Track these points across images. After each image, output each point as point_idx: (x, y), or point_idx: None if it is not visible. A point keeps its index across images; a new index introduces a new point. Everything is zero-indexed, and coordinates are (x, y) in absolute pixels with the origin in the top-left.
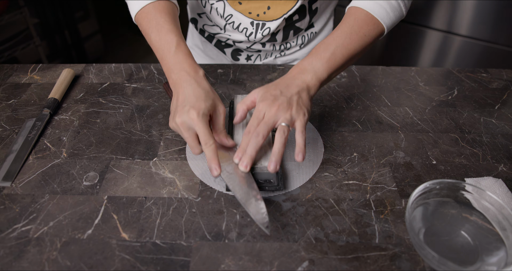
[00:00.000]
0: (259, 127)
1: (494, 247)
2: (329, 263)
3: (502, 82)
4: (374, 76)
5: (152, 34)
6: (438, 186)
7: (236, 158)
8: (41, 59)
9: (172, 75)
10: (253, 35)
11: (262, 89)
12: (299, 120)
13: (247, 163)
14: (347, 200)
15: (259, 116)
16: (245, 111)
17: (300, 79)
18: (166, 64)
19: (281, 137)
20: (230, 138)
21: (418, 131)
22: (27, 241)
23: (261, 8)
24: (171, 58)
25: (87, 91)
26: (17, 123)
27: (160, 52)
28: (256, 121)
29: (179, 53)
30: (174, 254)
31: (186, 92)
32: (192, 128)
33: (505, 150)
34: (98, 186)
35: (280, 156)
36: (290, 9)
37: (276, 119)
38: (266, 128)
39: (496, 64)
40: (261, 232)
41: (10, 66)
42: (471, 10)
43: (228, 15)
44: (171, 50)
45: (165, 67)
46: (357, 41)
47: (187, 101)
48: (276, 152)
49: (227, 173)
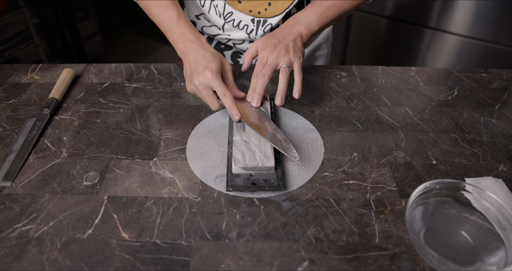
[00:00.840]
0: (264, 69)
1: (494, 247)
2: (329, 263)
3: (502, 82)
4: (374, 76)
5: (153, 9)
6: (438, 186)
7: (248, 97)
8: (41, 59)
9: (179, 45)
10: (254, 32)
11: (262, 39)
12: (296, 62)
13: (257, 99)
14: (347, 200)
15: (263, 61)
16: (251, 60)
17: (295, 29)
18: (171, 36)
19: (284, 76)
20: (240, 90)
21: (418, 131)
22: (27, 241)
23: (261, 5)
24: (174, 30)
25: (87, 91)
26: (17, 123)
27: (163, 25)
28: (261, 66)
29: (181, 25)
30: (174, 254)
31: (196, 58)
32: (209, 86)
33: (505, 150)
34: (98, 185)
35: (285, 92)
36: (292, 3)
37: (277, 62)
38: (270, 70)
39: (496, 64)
40: (261, 231)
41: (10, 66)
42: (471, 10)
43: (228, 13)
44: (173, 22)
45: (171, 38)
46: (348, 2)
47: (199, 65)
48: (281, 88)
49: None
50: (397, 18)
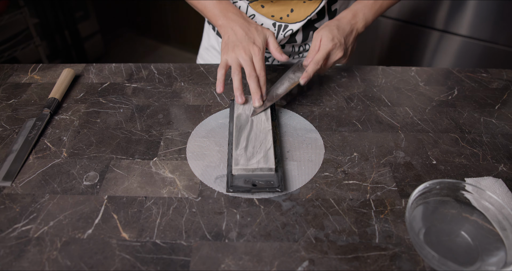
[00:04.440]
0: (318, 58)
1: (494, 247)
2: (329, 263)
3: (502, 82)
4: (374, 76)
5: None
6: (438, 185)
7: (302, 79)
8: (41, 59)
9: (220, 20)
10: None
11: (329, 31)
12: (342, 62)
13: (306, 79)
14: (347, 200)
15: (324, 52)
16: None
17: (355, 27)
18: (211, 11)
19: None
20: (284, 53)
21: (418, 131)
22: (27, 241)
23: (284, 11)
24: (215, 6)
25: (87, 91)
26: (17, 123)
27: (202, 2)
28: (318, 54)
29: (222, 1)
30: (174, 254)
31: (243, 28)
32: (248, 61)
33: (505, 150)
34: (98, 185)
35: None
36: (314, 10)
37: (335, 62)
38: (325, 65)
39: (496, 64)
40: (261, 231)
41: (10, 66)
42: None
43: (251, 15)
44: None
45: (210, 14)
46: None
47: (248, 37)
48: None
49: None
50: (397, 18)
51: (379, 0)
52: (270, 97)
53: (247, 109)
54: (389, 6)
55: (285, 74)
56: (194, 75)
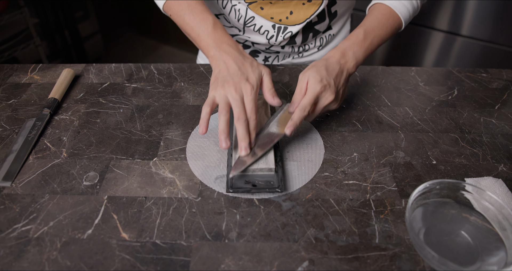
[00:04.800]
0: (305, 103)
1: (494, 247)
2: (329, 263)
3: (502, 82)
4: (374, 76)
5: (186, 15)
6: (438, 186)
7: (287, 128)
8: (41, 59)
9: (212, 51)
10: (274, 38)
11: (316, 72)
12: (333, 108)
13: (291, 129)
14: (347, 200)
15: (312, 95)
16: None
17: (346, 67)
18: (203, 40)
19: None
20: (277, 97)
21: (418, 131)
22: (27, 241)
23: (283, 13)
24: (210, 35)
25: (87, 91)
26: (17, 123)
27: (196, 30)
28: (303, 98)
29: (217, 30)
30: (174, 254)
31: (237, 63)
32: (238, 101)
33: (505, 150)
34: (98, 186)
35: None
36: (313, 13)
37: (325, 108)
38: (314, 112)
39: (496, 64)
40: (261, 232)
41: (10, 66)
42: (471, 10)
43: (250, 17)
44: (208, 27)
45: (203, 43)
46: (385, 33)
47: (241, 73)
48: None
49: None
50: None
51: (369, 37)
52: (260, 144)
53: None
54: (379, 44)
55: (269, 120)
56: (194, 75)
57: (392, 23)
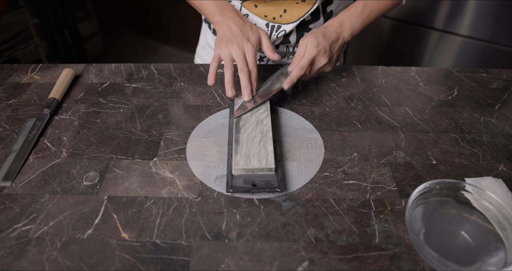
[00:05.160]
0: (303, 63)
1: (494, 247)
2: (329, 263)
3: (502, 82)
4: (374, 76)
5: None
6: (438, 186)
7: (286, 84)
8: (41, 59)
9: (217, 17)
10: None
11: (314, 38)
12: (328, 70)
13: (289, 85)
14: (347, 200)
15: (309, 58)
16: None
17: (342, 35)
18: (207, 9)
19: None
20: (276, 52)
21: (418, 131)
22: (27, 241)
23: (277, 11)
24: (212, 3)
25: (87, 91)
26: (17, 123)
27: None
28: (302, 60)
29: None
30: (174, 254)
31: (238, 26)
32: (241, 56)
33: (505, 150)
34: (98, 185)
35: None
36: (307, 12)
37: (320, 69)
38: (310, 71)
39: (496, 64)
40: (261, 231)
41: (10, 66)
42: (471, 10)
43: (244, 15)
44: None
45: (207, 11)
46: (384, 6)
47: (243, 34)
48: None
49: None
50: (397, 18)
51: (367, 10)
52: (261, 94)
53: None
54: (377, 16)
55: (270, 78)
56: (194, 75)
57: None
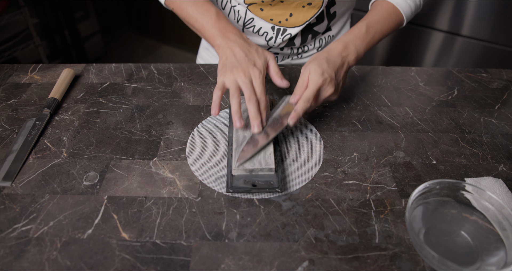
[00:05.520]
0: (308, 94)
1: (494, 247)
2: (329, 263)
3: (502, 82)
4: (374, 76)
5: (189, 8)
6: (438, 186)
7: (291, 119)
8: (41, 59)
9: (218, 40)
10: (273, 40)
11: (317, 65)
12: (333, 99)
13: (294, 120)
14: (347, 200)
15: (314, 88)
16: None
17: (347, 60)
18: (208, 31)
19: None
20: (285, 79)
21: (418, 131)
22: (27, 241)
23: (283, 15)
24: (214, 25)
25: (87, 91)
26: (17, 123)
27: (200, 21)
28: (306, 90)
29: (221, 20)
30: (174, 254)
31: (243, 50)
32: (247, 84)
33: (505, 150)
34: (98, 185)
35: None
36: (313, 16)
37: (325, 99)
38: (316, 102)
39: (496, 64)
40: (261, 231)
41: (10, 66)
42: (471, 10)
43: (249, 19)
44: (212, 18)
45: (208, 33)
46: (387, 28)
47: (248, 59)
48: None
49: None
50: None
51: (371, 31)
52: (270, 125)
53: (246, 110)
54: (381, 38)
55: (273, 112)
56: (194, 75)
57: (394, 19)
